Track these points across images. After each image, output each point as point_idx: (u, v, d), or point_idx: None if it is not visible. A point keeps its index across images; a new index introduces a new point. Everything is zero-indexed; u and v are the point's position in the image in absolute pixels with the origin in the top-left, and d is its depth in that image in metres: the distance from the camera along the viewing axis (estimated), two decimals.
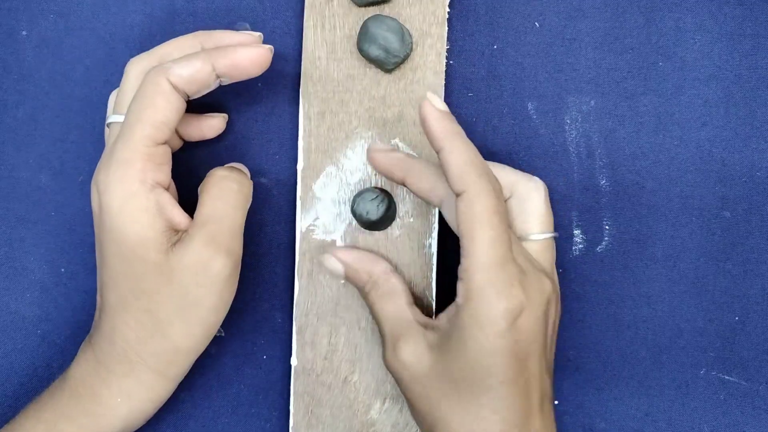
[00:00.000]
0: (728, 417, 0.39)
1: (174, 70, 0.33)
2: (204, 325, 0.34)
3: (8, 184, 0.41)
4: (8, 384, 0.41)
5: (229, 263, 0.33)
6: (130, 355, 0.34)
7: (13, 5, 0.41)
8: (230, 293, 0.34)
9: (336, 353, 0.39)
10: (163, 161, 0.33)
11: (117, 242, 0.33)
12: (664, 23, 0.39)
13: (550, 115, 0.40)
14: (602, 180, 0.40)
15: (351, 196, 0.39)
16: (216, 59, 0.33)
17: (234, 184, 0.34)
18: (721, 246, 0.39)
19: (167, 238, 0.33)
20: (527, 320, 0.31)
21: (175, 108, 0.33)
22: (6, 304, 0.41)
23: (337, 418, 0.39)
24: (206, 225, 0.33)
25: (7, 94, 0.41)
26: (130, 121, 0.33)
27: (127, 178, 0.32)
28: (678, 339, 0.40)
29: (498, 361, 0.31)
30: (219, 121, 0.39)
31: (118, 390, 0.34)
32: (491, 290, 0.31)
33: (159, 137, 0.33)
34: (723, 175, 0.39)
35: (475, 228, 0.31)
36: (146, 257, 0.32)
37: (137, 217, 0.32)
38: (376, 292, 0.36)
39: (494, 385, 0.31)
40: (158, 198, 0.33)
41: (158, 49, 0.36)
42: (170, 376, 0.35)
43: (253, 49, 0.34)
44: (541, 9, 0.40)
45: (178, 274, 0.33)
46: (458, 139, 0.32)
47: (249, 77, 0.34)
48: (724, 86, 0.39)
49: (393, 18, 0.38)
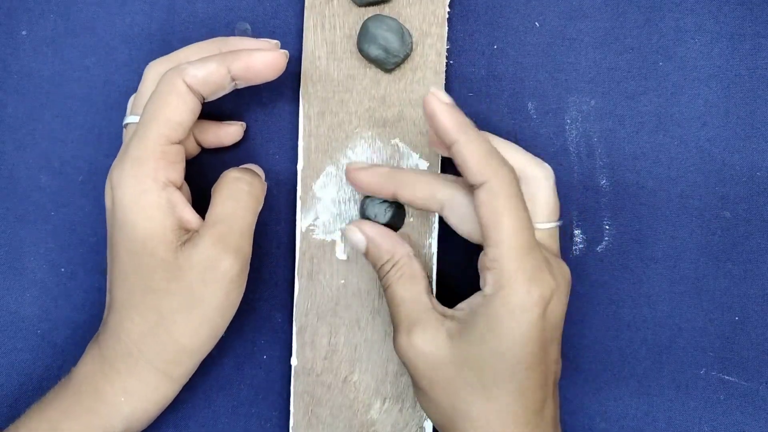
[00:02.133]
0: (728, 417, 0.39)
1: (189, 71, 0.33)
2: (209, 325, 0.34)
3: (8, 184, 0.41)
4: (8, 384, 0.41)
5: (237, 263, 0.33)
6: (135, 352, 0.34)
7: (13, 5, 0.41)
8: (237, 294, 0.34)
9: (336, 353, 0.39)
10: (176, 160, 0.34)
11: (127, 238, 0.33)
12: (664, 23, 0.39)
13: (550, 115, 0.40)
14: (602, 180, 0.40)
15: (351, 196, 0.39)
16: (231, 62, 0.34)
17: (245, 186, 0.35)
18: (721, 246, 0.39)
19: (177, 236, 0.33)
20: (555, 306, 0.32)
21: (190, 108, 0.33)
22: (6, 304, 0.41)
23: (337, 417, 0.39)
24: (216, 225, 0.33)
25: (7, 94, 0.41)
26: (145, 120, 0.33)
27: (140, 175, 0.33)
28: (678, 339, 0.40)
29: (528, 349, 0.31)
30: (237, 128, 0.39)
31: (122, 388, 0.34)
32: (523, 277, 0.31)
33: (173, 136, 0.33)
34: (723, 175, 0.39)
35: (501, 216, 0.31)
36: (155, 253, 0.33)
37: (148, 214, 0.33)
38: (395, 273, 0.35)
39: (519, 372, 0.31)
40: (170, 196, 0.33)
41: (177, 54, 0.36)
42: (174, 377, 0.35)
43: (268, 53, 0.34)
44: (541, 9, 0.40)
45: (186, 272, 0.33)
46: (471, 130, 0.32)
47: (264, 81, 0.35)
48: (724, 86, 0.39)
49: (393, 18, 0.38)
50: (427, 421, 0.39)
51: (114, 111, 0.41)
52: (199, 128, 0.38)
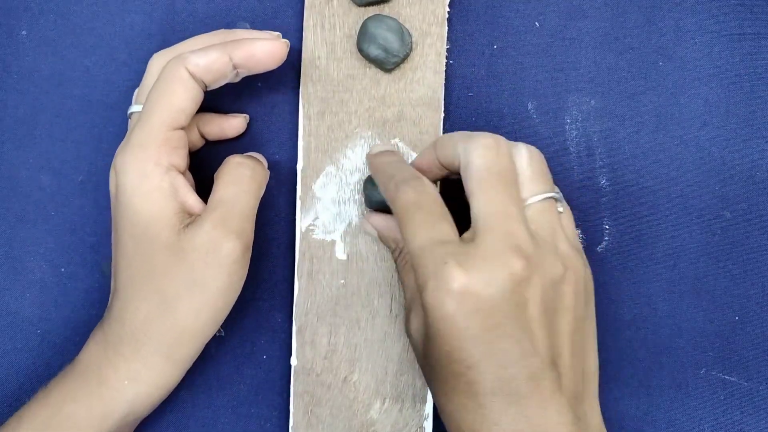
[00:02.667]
0: (728, 417, 0.39)
1: (192, 59, 0.34)
2: (211, 307, 0.34)
3: (8, 184, 0.41)
4: (8, 384, 0.41)
5: (238, 245, 0.34)
6: (139, 335, 0.34)
7: (13, 5, 0.41)
8: (239, 277, 0.34)
9: (336, 353, 0.39)
10: (179, 146, 0.34)
11: (131, 222, 0.34)
12: (664, 23, 0.39)
13: (550, 115, 0.40)
14: (602, 180, 0.40)
15: (351, 196, 0.39)
16: (233, 50, 0.34)
17: (247, 171, 0.35)
18: (721, 246, 0.39)
19: (180, 220, 0.34)
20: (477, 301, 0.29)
21: (192, 96, 0.34)
22: (6, 304, 0.41)
23: (337, 417, 0.39)
24: (218, 208, 0.34)
25: (7, 94, 0.41)
26: (148, 107, 0.34)
27: (143, 159, 0.33)
28: (678, 339, 0.40)
29: (456, 346, 0.30)
30: (240, 120, 0.39)
31: (126, 372, 0.34)
32: (426, 273, 0.30)
33: (175, 122, 0.34)
34: (723, 175, 0.39)
35: (401, 221, 0.32)
36: (158, 236, 0.33)
37: (151, 197, 0.33)
38: (401, 261, 0.36)
39: (461, 371, 0.30)
40: (173, 180, 0.34)
41: (180, 45, 0.37)
42: (176, 360, 0.35)
43: (270, 41, 0.35)
44: (541, 9, 0.40)
45: (188, 254, 0.33)
46: (382, 164, 0.35)
47: (265, 70, 0.35)
48: (724, 86, 0.39)
49: (393, 18, 0.38)
50: (427, 421, 0.39)
51: (114, 111, 0.41)
52: (203, 120, 0.39)
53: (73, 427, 0.34)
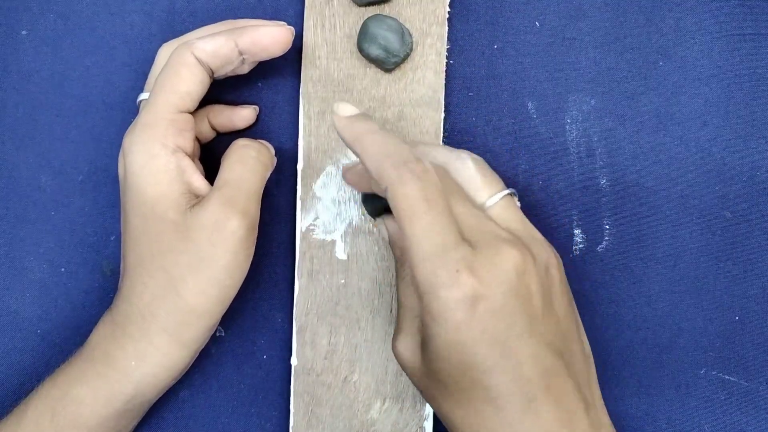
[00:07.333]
0: (728, 417, 0.39)
1: (198, 45, 0.35)
2: (217, 286, 0.34)
3: (8, 184, 0.41)
4: (8, 384, 0.41)
5: (243, 224, 0.34)
6: (146, 315, 0.34)
7: (13, 5, 0.41)
8: (245, 256, 0.35)
9: (336, 353, 0.39)
10: (185, 128, 0.35)
11: (138, 202, 0.34)
12: (664, 23, 0.39)
13: (551, 115, 0.40)
14: (602, 180, 0.40)
15: (351, 196, 0.39)
16: (239, 36, 0.35)
17: (253, 152, 0.36)
18: (721, 246, 0.39)
19: (186, 200, 0.34)
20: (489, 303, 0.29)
21: (199, 80, 0.35)
22: (6, 304, 0.41)
23: (337, 417, 0.39)
24: (223, 188, 0.34)
25: (7, 94, 0.41)
26: (155, 90, 0.35)
27: (149, 140, 0.34)
28: (678, 339, 0.40)
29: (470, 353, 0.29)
30: (250, 111, 0.40)
31: (133, 352, 0.34)
32: (435, 282, 0.29)
33: (182, 105, 0.35)
34: (723, 175, 0.39)
35: (404, 220, 0.29)
36: (164, 216, 0.34)
37: (158, 178, 0.34)
38: (402, 272, 0.35)
39: (477, 377, 0.29)
40: (179, 161, 0.34)
41: (188, 35, 0.37)
42: (184, 341, 0.35)
43: (275, 27, 0.35)
44: (541, 9, 0.40)
45: (194, 233, 0.33)
46: (367, 137, 0.31)
47: (271, 56, 0.36)
48: (724, 86, 0.39)
49: (393, 18, 0.38)
50: (427, 421, 0.39)
51: (114, 111, 0.41)
52: (212, 112, 0.39)
53: (79, 410, 0.34)
